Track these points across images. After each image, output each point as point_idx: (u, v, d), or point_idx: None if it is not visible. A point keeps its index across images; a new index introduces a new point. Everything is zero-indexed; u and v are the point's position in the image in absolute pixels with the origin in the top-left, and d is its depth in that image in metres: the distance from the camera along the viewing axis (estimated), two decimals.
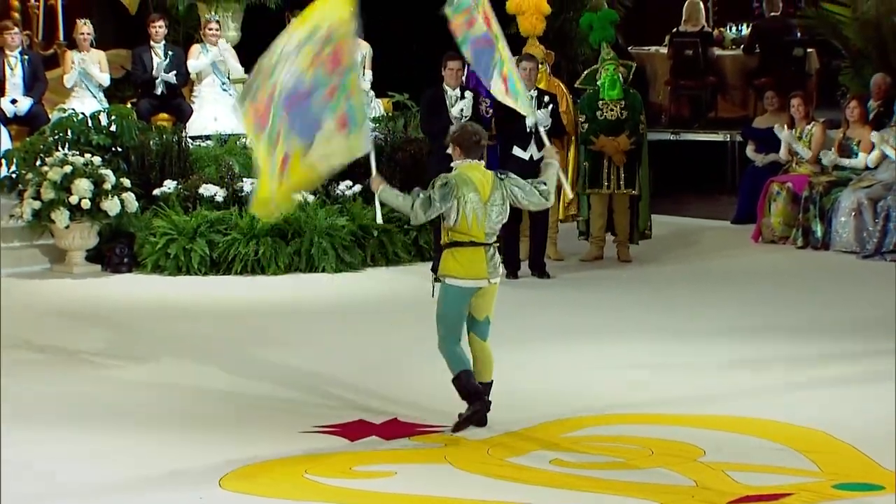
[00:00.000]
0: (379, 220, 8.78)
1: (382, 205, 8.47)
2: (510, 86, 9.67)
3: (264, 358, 10.34)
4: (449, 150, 8.36)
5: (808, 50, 18.23)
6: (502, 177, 8.31)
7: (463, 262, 8.15)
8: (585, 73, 14.31)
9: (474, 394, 8.26)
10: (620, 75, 13.81)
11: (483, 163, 8.36)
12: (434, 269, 8.38)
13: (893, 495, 7.29)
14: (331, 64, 8.41)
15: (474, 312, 8.31)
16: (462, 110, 13.03)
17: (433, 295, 8.29)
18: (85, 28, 15.15)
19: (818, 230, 14.55)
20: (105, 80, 15.18)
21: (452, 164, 8.32)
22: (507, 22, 14.99)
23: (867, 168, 14.65)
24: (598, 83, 13.92)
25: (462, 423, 8.26)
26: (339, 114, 8.35)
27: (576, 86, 14.42)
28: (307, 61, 8.45)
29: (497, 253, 8.28)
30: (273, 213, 9.22)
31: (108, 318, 11.84)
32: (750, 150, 16.20)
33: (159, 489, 7.56)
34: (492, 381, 8.38)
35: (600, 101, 13.85)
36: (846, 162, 14.75)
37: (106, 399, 9.32)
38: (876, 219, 14.11)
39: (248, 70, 15.57)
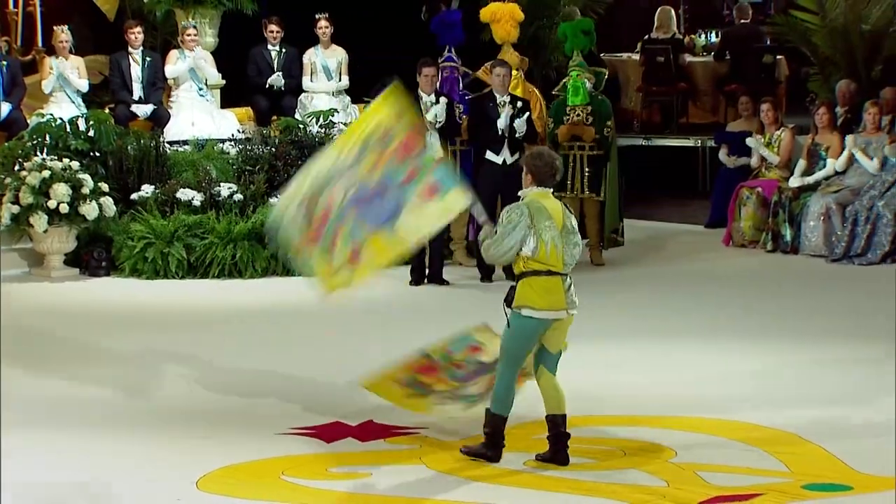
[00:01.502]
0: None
1: None
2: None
3: (241, 361, 10.33)
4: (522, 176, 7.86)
5: (778, 57, 18.29)
6: (571, 210, 7.93)
7: (541, 292, 7.66)
8: (563, 81, 14.35)
9: (495, 441, 7.80)
10: (586, 81, 13.83)
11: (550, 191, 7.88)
12: (507, 301, 7.77)
13: (862, 495, 7.32)
14: (402, 153, 8.11)
15: (548, 345, 7.81)
16: (436, 115, 13.03)
17: (509, 325, 7.75)
18: (63, 35, 15.10)
19: (787, 234, 14.59)
20: (83, 85, 15.13)
21: (521, 192, 7.88)
22: (482, 29, 15.05)
23: (836, 173, 14.70)
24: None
25: (471, 453, 7.88)
26: (423, 186, 8.05)
27: (553, 92, 14.45)
28: (370, 165, 8.14)
29: (573, 283, 7.80)
30: (344, 287, 8.58)
31: (86, 322, 11.80)
32: (722, 154, 16.24)
33: (137, 491, 7.54)
34: (566, 414, 7.83)
35: (567, 107, 13.89)
36: (815, 177, 14.76)
37: (82, 402, 9.29)
38: (844, 223, 14.16)
39: (225, 76, 15.64)
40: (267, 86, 15.55)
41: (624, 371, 9.94)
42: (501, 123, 12.97)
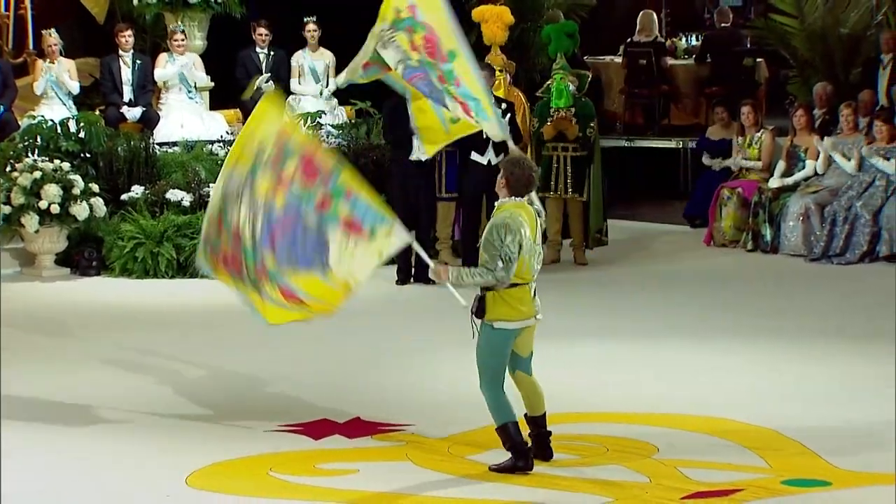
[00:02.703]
0: (462, 303, 7.75)
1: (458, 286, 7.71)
2: (473, 108, 8.85)
3: (230, 359, 10.32)
4: (498, 185, 7.62)
5: (758, 60, 18.30)
6: (541, 215, 7.78)
7: (513, 303, 7.56)
8: (547, 83, 14.35)
9: (520, 450, 7.62)
10: (570, 84, 13.83)
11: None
12: (476, 313, 7.62)
13: (840, 491, 7.34)
14: (305, 177, 7.69)
15: (519, 350, 7.72)
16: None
17: (474, 336, 7.66)
18: (51, 38, 15.07)
19: (767, 234, 14.61)
20: (75, 87, 15.10)
21: (498, 203, 7.65)
22: (471, 30, 15.02)
23: (815, 174, 14.73)
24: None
25: (503, 470, 7.63)
26: (342, 220, 7.66)
27: (537, 94, 14.45)
28: (267, 186, 7.74)
29: (535, 288, 7.71)
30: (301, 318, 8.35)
31: (76, 321, 11.78)
32: (705, 158, 16.24)
33: (127, 488, 7.53)
34: (545, 412, 7.80)
35: (551, 109, 13.89)
36: (795, 178, 14.79)
37: (73, 399, 9.27)
38: (823, 223, 14.18)
39: (213, 78, 15.61)
40: (255, 88, 15.53)
41: (607, 369, 9.95)
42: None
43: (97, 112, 15.02)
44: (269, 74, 15.54)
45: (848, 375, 9.73)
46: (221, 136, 14.92)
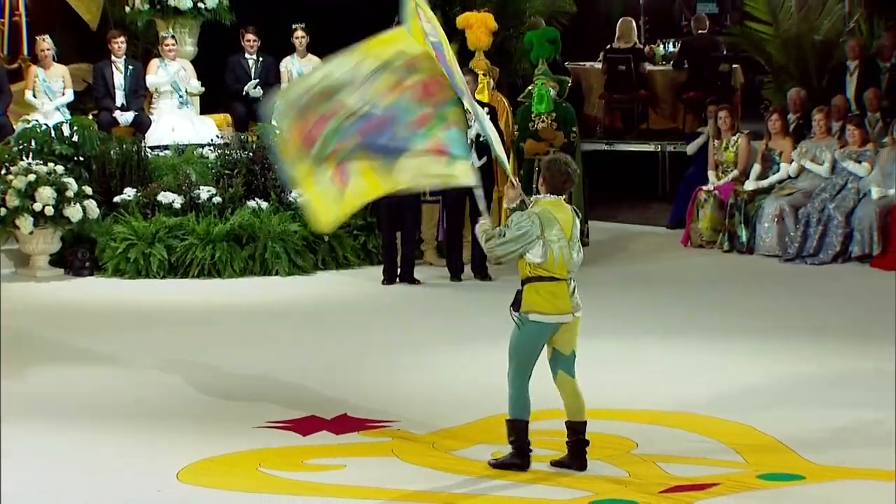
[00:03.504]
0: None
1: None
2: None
3: (220, 357, 10.30)
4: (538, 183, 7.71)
5: (734, 66, 18.31)
6: (579, 215, 7.78)
7: (548, 297, 7.53)
8: (529, 88, 14.37)
9: (522, 449, 7.57)
10: (551, 89, 13.85)
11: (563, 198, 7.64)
12: (513, 305, 7.58)
13: (813, 484, 7.36)
14: (421, 93, 7.85)
15: (560, 347, 7.64)
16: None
17: (519, 328, 7.60)
18: (45, 44, 15.04)
19: (743, 235, 14.64)
20: (69, 96, 15.04)
21: (533, 198, 7.70)
22: (455, 36, 15.04)
23: (789, 177, 14.77)
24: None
25: (500, 466, 7.61)
26: (432, 142, 7.80)
27: (518, 99, 14.46)
28: (384, 88, 7.89)
29: (576, 287, 7.66)
30: (336, 220, 8.36)
31: (70, 320, 11.76)
32: (689, 147, 16.29)
33: (120, 482, 7.53)
34: (586, 421, 7.62)
35: (532, 114, 13.91)
36: (769, 180, 14.82)
37: (64, 396, 9.27)
38: (797, 225, 14.22)
39: (204, 83, 15.59)
40: (244, 93, 15.52)
41: (589, 368, 9.94)
42: (471, 133, 12.85)
43: (90, 116, 14.99)
44: (257, 80, 15.52)
45: (821, 372, 9.76)
46: (211, 140, 14.90)
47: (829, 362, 10.03)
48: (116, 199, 13.95)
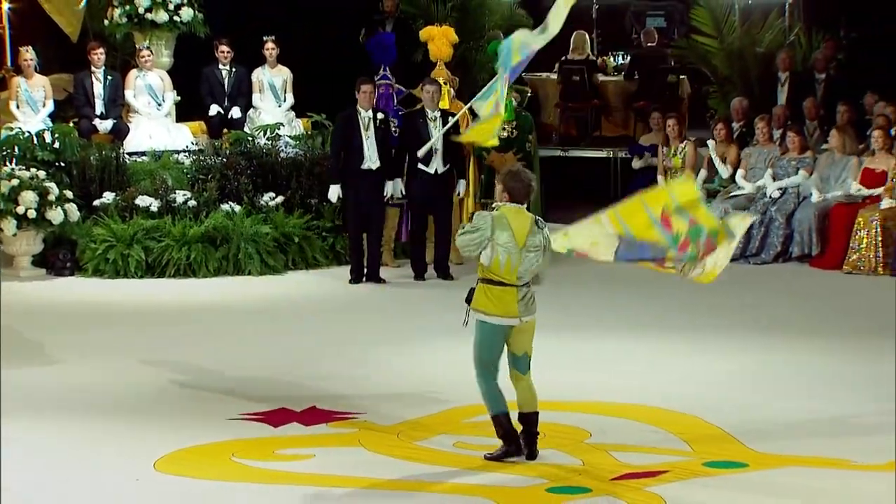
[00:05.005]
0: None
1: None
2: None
3: (195, 353, 10.27)
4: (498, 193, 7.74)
5: (681, 76, 18.40)
6: (542, 225, 7.74)
7: (494, 300, 7.54)
8: None
9: (511, 436, 7.58)
10: (514, 99, 13.87)
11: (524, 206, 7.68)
12: (467, 300, 7.62)
13: (756, 472, 7.40)
14: (665, 227, 7.78)
15: (513, 349, 7.64)
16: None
17: (465, 324, 7.65)
18: (28, 55, 14.95)
19: None
20: (49, 107, 14.94)
21: (495, 204, 7.74)
22: (414, 50, 15.06)
23: (733, 181, 14.83)
24: None
25: (497, 457, 7.59)
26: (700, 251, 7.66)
27: None
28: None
29: (530, 292, 7.65)
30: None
31: (52, 318, 11.70)
32: (635, 162, 16.31)
33: (98, 472, 7.49)
34: (537, 411, 7.66)
35: None
36: (716, 175, 14.91)
37: (47, 390, 9.22)
38: None
39: (179, 92, 15.52)
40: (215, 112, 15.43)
41: (545, 362, 9.95)
42: (435, 140, 12.76)
43: (71, 124, 14.92)
44: (229, 102, 15.40)
45: (768, 367, 9.80)
46: (187, 146, 14.87)
47: (773, 356, 10.08)
48: (96, 202, 13.90)
